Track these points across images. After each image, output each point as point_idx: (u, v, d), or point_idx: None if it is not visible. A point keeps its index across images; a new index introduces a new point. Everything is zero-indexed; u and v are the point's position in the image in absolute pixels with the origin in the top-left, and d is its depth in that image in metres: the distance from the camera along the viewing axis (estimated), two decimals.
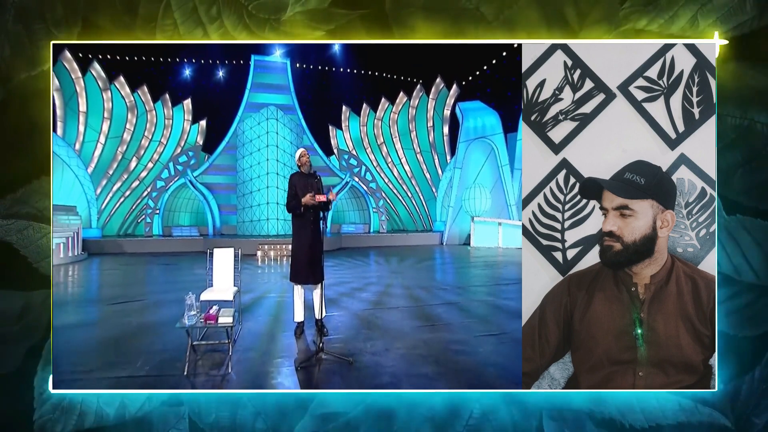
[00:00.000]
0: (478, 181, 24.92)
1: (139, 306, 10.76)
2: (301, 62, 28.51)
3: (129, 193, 26.39)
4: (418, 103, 28.57)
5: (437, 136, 28.52)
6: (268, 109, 25.38)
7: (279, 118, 25.32)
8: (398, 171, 28.75)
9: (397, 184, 28.70)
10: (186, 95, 27.96)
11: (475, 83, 27.71)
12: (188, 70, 28.19)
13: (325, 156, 27.80)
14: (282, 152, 25.23)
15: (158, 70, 27.66)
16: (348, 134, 28.94)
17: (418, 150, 28.62)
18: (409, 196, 28.55)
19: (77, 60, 24.76)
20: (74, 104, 25.07)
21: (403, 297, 11.97)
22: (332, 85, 28.86)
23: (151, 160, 27.12)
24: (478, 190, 24.38)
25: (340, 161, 27.79)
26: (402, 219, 28.24)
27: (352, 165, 27.54)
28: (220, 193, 26.90)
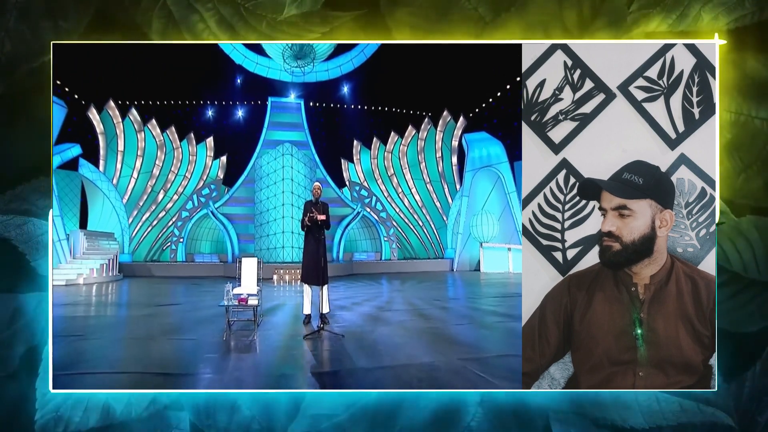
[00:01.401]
0: (486, 208, 24.94)
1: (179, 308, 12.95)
2: (314, 101, 28.78)
3: (156, 223, 27.02)
4: (427, 135, 28.63)
5: (446, 167, 28.40)
6: (283, 146, 25.97)
7: (294, 153, 25.87)
8: (409, 201, 28.67)
9: (408, 213, 28.59)
10: (208, 134, 28.64)
11: (482, 115, 27.48)
12: (210, 111, 28.68)
13: (338, 188, 27.91)
14: (296, 185, 25.68)
15: (184, 111, 28.39)
16: (359, 167, 29.06)
17: (427, 180, 28.58)
18: (420, 224, 28.40)
19: (118, 107, 26.22)
20: (114, 144, 26.36)
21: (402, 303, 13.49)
22: (343, 122, 29.10)
23: (176, 193, 27.70)
24: (485, 216, 24.37)
25: (351, 193, 27.88)
26: (414, 247, 28.06)
27: (363, 196, 27.67)
28: (239, 223, 27.23)
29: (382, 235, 26.83)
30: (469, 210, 25.10)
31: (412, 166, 28.77)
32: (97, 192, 24.05)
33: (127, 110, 26.47)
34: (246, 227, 27.21)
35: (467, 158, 26.03)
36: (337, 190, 27.61)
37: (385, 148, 29.08)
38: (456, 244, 25.40)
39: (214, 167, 28.52)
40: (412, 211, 28.57)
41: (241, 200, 27.65)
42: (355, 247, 27.29)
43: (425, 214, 28.40)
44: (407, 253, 27.80)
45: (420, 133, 28.72)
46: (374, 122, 29.14)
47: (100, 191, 23.95)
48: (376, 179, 28.84)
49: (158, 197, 27.19)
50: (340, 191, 27.82)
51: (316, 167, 27.55)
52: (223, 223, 26.58)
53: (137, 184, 26.78)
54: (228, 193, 27.55)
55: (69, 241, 20.58)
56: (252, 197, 27.37)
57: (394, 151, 29.04)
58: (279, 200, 25.39)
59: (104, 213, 24.22)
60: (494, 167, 25.15)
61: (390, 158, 29.02)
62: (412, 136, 28.84)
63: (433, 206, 28.29)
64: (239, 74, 27.72)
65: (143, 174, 26.97)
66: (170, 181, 27.59)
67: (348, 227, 26.50)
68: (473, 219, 24.55)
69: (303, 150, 26.82)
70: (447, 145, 28.48)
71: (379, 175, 28.89)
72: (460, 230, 25.10)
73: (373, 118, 29.15)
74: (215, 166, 28.55)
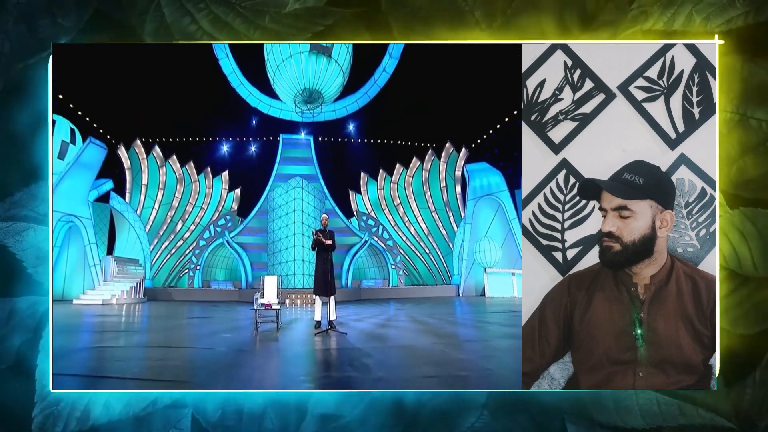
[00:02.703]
0: (489, 235, 25.09)
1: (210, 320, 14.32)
2: (322, 137, 29.50)
3: (174, 251, 27.91)
4: (431, 166, 29.02)
5: (450, 195, 28.64)
6: (294, 180, 26.55)
7: (304, 187, 26.40)
8: (415, 229, 28.95)
9: (414, 241, 28.83)
10: (224, 168, 29.59)
11: (483, 145, 27.86)
12: (226, 146, 29.59)
13: (346, 218, 28.31)
14: (307, 216, 26.15)
15: (201, 148, 29.48)
16: (366, 197, 29.46)
17: (433, 209, 28.84)
18: (427, 252, 28.57)
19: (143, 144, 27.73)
20: (139, 179, 27.59)
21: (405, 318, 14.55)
22: (350, 155, 29.70)
23: (193, 223, 28.61)
24: (488, 243, 24.43)
25: (359, 222, 28.28)
26: (421, 274, 28.24)
27: (370, 225, 28.02)
28: (252, 251, 27.71)
29: (389, 262, 27.00)
30: (472, 237, 25.32)
31: (418, 196, 29.12)
32: (124, 222, 24.99)
33: (151, 147, 27.76)
34: (259, 256, 27.68)
35: (469, 187, 26.45)
36: (345, 220, 28.02)
37: (390, 179, 29.50)
38: (461, 270, 25.45)
39: (228, 199, 29.40)
40: (419, 239, 28.83)
41: (255, 230, 28.26)
42: (364, 274, 27.46)
43: (431, 242, 28.60)
44: (414, 279, 27.99)
45: (424, 164, 29.14)
46: (380, 155, 29.78)
47: (126, 221, 24.99)
48: (383, 209, 29.25)
49: (177, 227, 28.22)
50: (348, 221, 28.23)
51: (325, 199, 28.10)
52: (238, 251, 27.17)
53: (158, 214, 27.87)
54: (242, 224, 28.21)
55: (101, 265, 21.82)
56: (265, 227, 27.92)
57: (400, 181, 29.44)
58: (290, 230, 25.87)
59: (129, 241, 25.16)
60: (495, 195, 25.48)
61: (396, 188, 29.42)
62: (416, 167, 29.24)
63: (438, 234, 28.50)
64: (254, 116, 28.60)
65: (164, 205, 28.09)
66: (188, 212, 28.63)
67: (356, 255, 26.62)
68: (476, 245, 24.67)
69: (312, 183, 27.39)
70: (450, 175, 28.79)
71: (385, 204, 29.29)
72: (464, 256, 25.25)
73: (379, 151, 29.76)
74: (230, 198, 29.43)
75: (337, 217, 27.60)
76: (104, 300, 20.35)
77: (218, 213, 28.78)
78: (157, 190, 28.08)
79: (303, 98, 25.30)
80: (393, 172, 29.33)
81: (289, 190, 26.31)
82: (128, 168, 27.32)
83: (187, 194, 28.82)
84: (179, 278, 27.54)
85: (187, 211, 28.69)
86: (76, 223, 21.21)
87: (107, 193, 24.80)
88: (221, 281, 27.20)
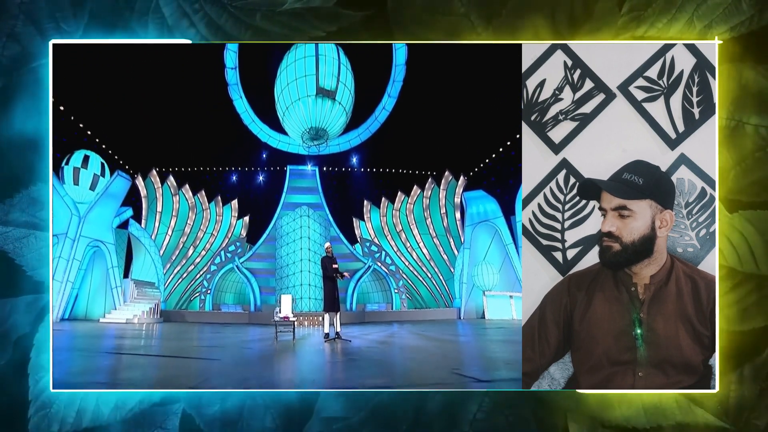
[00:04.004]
0: (487, 259, 25.17)
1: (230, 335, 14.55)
2: (327, 167, 30.10)
3: (186, 275, 28.37)
4: (431, 194, 29.39)
5: (450, 221, 28.84)
6: (301, 209, 26.65)
7: (310, 215, 26.50)
8: (417, 254, 29.15)
9: (417, 266, 29.05)
10: (233, 196, 30.15)
11: (480, 174, 28.32)
12: (235, 176, 30.32)
13: (350, 244, 28.59)
14: (313, 242, 26.19)
15: (212, 177, 30.19)
16: (370, 224, 29.82)
17: (434, 234, 29.02)
18: (429, 276, 28.78)
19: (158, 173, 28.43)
20: (154, 206, 28.32)
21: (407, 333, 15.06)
22: (354, 184, 30.26)
23: (204, 249, 29.11)
24: (486, 267, 24.51)
25: (362, 248, 28.53)
26: (424, 298, 28.57)
27: (374, 251, 28.21)
28: (260, 276, 27.96)
29: (392, 287, 27.07)
30: (471, 261, 25.42)
31: (419, 222, 29.43)
32: (140, 247, 25.28)
33: (166, 177, 28.44)
34: (267, 280, 27.96)
35: (466, 214, 26.65)
36: (349, 247, 28.33)
37: (393, 207, 29.89)
38: (462, 293, 25.56)
39: (237, 226, 29.97)
40: (421, 264, 29.06)
41: (263, 256, 28.56)
42: (368, 298, 27.60)
43: (433, 267, 28.81)
44: (417, 303, 28.27)
45: (425, 191, 29.51)
46: (382, 183, 30.31)
47: (143, 246, 25.30)
48: (386, 235, 29.60)
49: (188, 252, 28.73)
50: (353, 247, 28.54)
51: (330, 226, 28.48)
52: (247, 276, 27.50)
53: (171, 240, 28.44)
54: (251, 250, 28.62)
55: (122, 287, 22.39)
56: (273, 253, 28.20)
57: (402, 209, 29.82)
58: (297, 256, 25.87)
59: (145, 265, 25.44)
60: (491, 221, 25.66)
61: (398, 216, 29.77)
62: (417, 195, 29.62)
63: (440, 259, 28.72)
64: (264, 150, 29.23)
65: (176, 231, 28.67)
66: (199, 239, 29.15)
67: (360, 280, 26.64)
68: (475, 269, 24.77)
69: (318, 211, 27.72)
70: (450, 202, 29.12)
71: (388, 231, 29.63)
72: (464, 280, 25.30)
73: (381, 180, 30.28)
74: (239, 225, 29.98)
75: (342, 243, 27.96)
76: (127, 319, 21.01)
77: (227, 239, 29.23)
78: (171, 217, 28.62)
79: (310, 135, 25.95)
80: (395, 199, 29.75)
81: (296, 218, 26.36)
82: (144, 196, 27.90)
83: (198, 221, 29.30)
84: (190, 301, 28.00)
85: (198, 237, 29.15)
86: (101, 247, 21.87)
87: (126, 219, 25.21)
88: (230, 305, 27.51)
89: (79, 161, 22.30)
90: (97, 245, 21.66)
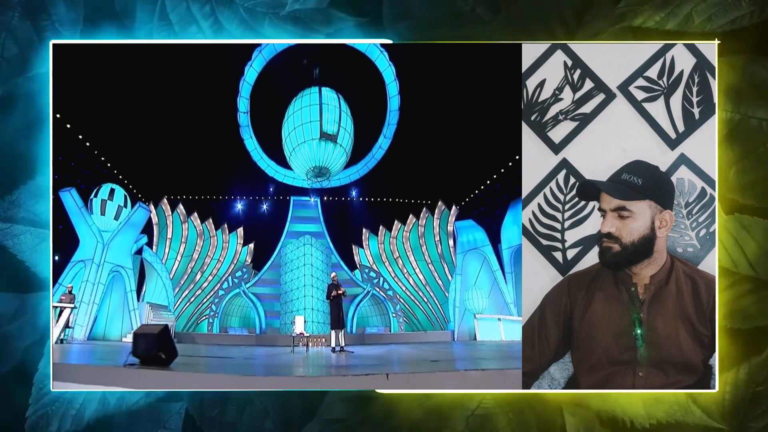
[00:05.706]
0: (477, 284, 25.28)
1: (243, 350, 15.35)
2: (328, 198, 30.36)
3: (193, 299, 28.23)
4: (426, 222, 29.71)
5: (444, 248, 29.18)
6: (304, 237, 27.06)
7: (312, 243, 26.80)
8: (413, 280, 29.29)
9: (413, 291, 29.15)
10: (239, 225, 30.00)
11: (471, 204, 28.58)
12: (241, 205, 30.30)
13: (350, 271, 28.56)
14: (315, 269, 26.42)
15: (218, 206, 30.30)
16: (368, 251, 30.00)
17: (429, 261, 29.30)
18: (425, 300, 28.96)
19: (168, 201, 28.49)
20: (164, 233, 28.58)
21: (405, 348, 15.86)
22: (353, 213, 30.65)
23: (211, 274, 28.99)
24: (476, 291, 24.64)
25: (362, 274, 28.55)
26: (420, 321, 28.64)
27: (372, 277, 28.29)
28: (266, 301, 27.89)
29: (390, 311, 27.27)
30: (462, 286, 25.63)
31: (415, 250, 29.81)
32: (152, 271, 25.42)
33: (176, 205, 28.67)
34: (272, 305, 28.05)
35: (457, 242, 27.07)
36: (349, 273, 28.36)
37: (390, 235, 30.19)
38: (455, 316, 25.83)
39: (243, 253, 29.83)
40: (417, 289, 29.25)
41: (268, 282, 28.50)
42: (367, 322, 27.70)
43: (429, 291, 29.06)
44: (414, 326, 28.42)
45: (419, 220, 29.94)
46: (380, 212, 30.68)
47: (155, 271, 25.47)
48: (384, 262, 29.83)
49: (196, 277, 28.69)
50: (352, 273, 28.59)
51: (331, 253, 28.74)
52: (253, 301, 27.56)
53: (179, 266, 28.51)
54: (257, 276, 28.58)
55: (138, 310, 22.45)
56: (277, 279, 28.31)
57: (398, 236, 30.16)
58: (301, 282, 26.12)
59: (156, 289, 25.47)
60: (480, 249, 25.87)
61: (395, 243, 30.08)
62: (413, 224, 30.00)
63: (435, 284, 28.96)
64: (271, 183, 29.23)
65: (185, 257, 28.74)
66: (206, 264, 29.10)
67: (360, 304, 26.80)
68: (466, 294, 25.01)
69: (320, 240, 27.95)
70: (444, 230, 29.66)
71: (386, 258, 29.86)
72: (457, 304, 25.61)
73: (379, 209, 30.64)
74: (244, 252, 29.87)
75: (342, 269, 28.11)
76: None
77: (233, 265, 29.20)
78: (180, 244, 28.84)
79: (314, 173, 26.32)
80: (392, 228, 30.12)
81: (299, 246, 26.64)
82: (156, 223, 27.99)
83: (206, 248, 29.46)
84: (197, 324, 28.05)
85: (206, 263, 29.14)
86: (120, 272, 22.09)
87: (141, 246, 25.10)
88: (236, 328, 27.45)
89: (105, 194, 22.74)
90: (117, 270, 21.96)
